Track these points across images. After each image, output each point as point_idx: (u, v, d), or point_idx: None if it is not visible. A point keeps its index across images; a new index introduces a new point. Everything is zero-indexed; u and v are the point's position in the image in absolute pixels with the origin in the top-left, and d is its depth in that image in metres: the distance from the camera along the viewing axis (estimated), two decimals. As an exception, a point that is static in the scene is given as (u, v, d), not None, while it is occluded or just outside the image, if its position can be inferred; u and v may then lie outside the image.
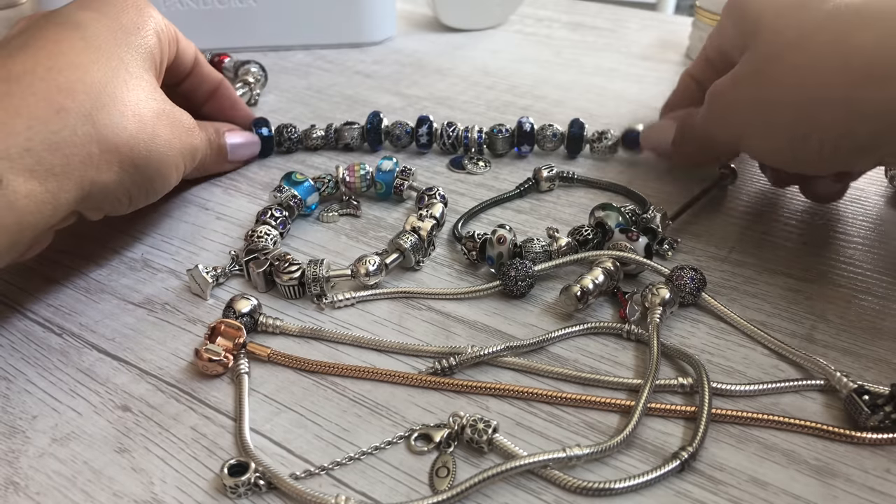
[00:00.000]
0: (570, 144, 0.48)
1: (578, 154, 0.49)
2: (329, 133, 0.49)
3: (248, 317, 0.34)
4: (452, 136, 0.47)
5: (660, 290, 0.33)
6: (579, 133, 0.48)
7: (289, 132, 0.49)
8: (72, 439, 0.29)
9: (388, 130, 0.48)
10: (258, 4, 0.64)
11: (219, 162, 0.46)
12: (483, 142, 0.48)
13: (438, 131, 0.47)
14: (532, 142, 0.48)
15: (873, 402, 0.29)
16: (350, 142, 0.48)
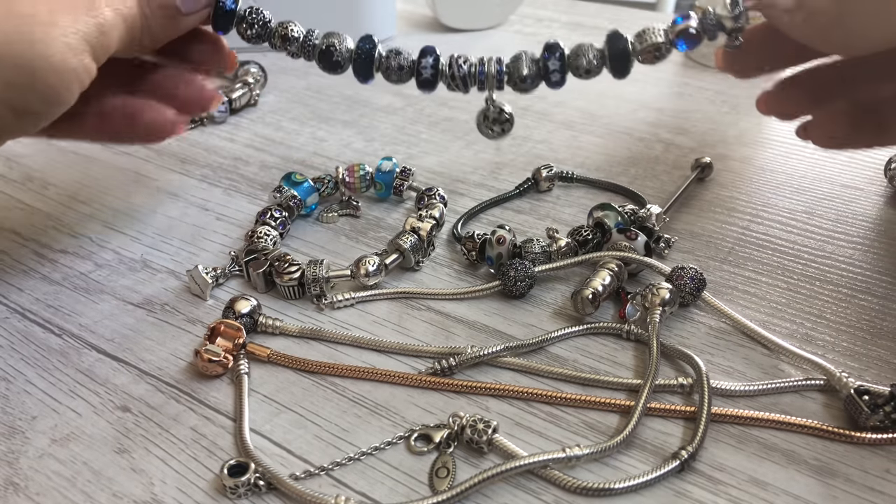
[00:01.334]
0: (615, 62, 0.36)
1: (629, 72, 0.37)
2: (309, 40, 0.38)
3: (247, 317, 0.34)
4: (464, 70, 0.36)
5: (660, 290, 0.33)
6: (624, 49, 0.36)
7: (257, 15, 0.38)
8: (71, 440, 0.29)
9: (383, 61, 0.37)
10: (258, 4, 0.63)
11: (169, 23, 0.35)
12: (504, 77, 0.36)
13: (446, 66, 0.37)
14: (564, 69, 0.36)
15: (873, 402, 0.29)
16: (337, 58, 0.37)
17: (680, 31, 0.35)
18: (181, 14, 0.35)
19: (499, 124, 0.37)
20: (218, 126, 0.54)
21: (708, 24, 0.34)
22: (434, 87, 0.37)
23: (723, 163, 0.48)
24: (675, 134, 0.52)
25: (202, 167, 0.49)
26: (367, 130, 0.53)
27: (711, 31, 0.35)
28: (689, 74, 0.61)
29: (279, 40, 0.38)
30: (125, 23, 0.32)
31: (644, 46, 0.36)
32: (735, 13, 0.34)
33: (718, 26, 0.34)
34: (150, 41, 0.35)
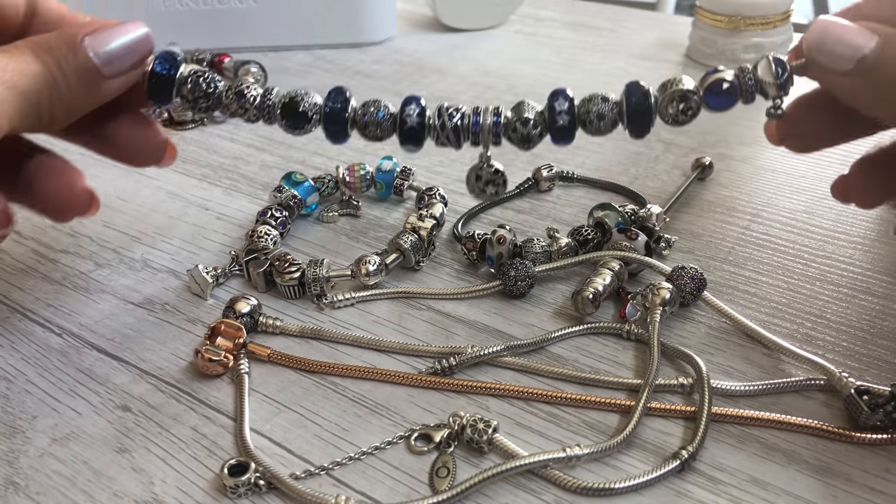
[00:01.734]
0: (634, 120, 0.31)
1: (648, 131, 0.31)
2: (267, 100, 0.32)
3: (248, 317, 0.34)
4: (455, 122, 0.31)
5: (660, 290, 0.33)
6: (644, 104, 0.31)
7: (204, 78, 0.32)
8: (72, 439, 0.29)
9: (357, 116, 0.32)
10: (258, 4, 0.63)
11: (89, 88, 0.28)
12: (501, 131, 0.32)
13: (434, 117, 0.32)
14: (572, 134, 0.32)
15: (874, 402, 0.28)
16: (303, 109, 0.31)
17: (710, 84, 0.31)
18: (103, 77, 0.28)
19: (493, 185, 0.32)
20: (218, 125, 0.54)
21: (746, 84, 0.30)
22: (421, 142, 0.32)
23: (723, 163, 0.48)
24: (676, 134, 0.52)
25: (202, 167, 0.49)
26: (368, 130, 0.53)
27: (749, 93, 0.30)
28: (689, 74, 0.61)
29: (233, 102, 0.32)
30: (22, 97, 0.26)
31: (668, 93, 0.31)
32: (780, 80, 0.30)
33: (758, 89, 0.30)
34: (64, 113, 0.28)
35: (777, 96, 0.30)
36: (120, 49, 0.29)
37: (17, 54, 0.27)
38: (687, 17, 0.71)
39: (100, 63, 0.28)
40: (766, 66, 0.30)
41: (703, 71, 0.32)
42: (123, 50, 0.29)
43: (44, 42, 0.27)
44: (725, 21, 0.60)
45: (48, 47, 0.27)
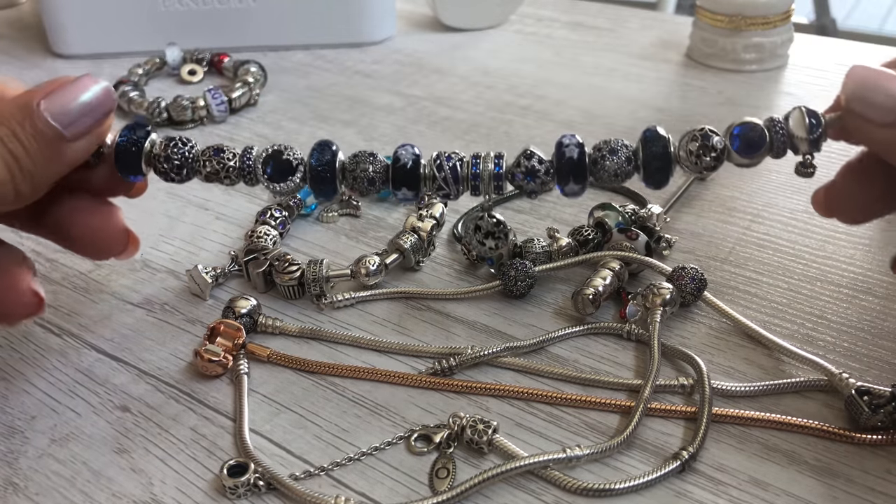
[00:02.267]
0: (650, 169, 0.30)
1: (667, 181, 0.30)
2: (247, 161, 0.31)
3: (247, 317, 0.34)
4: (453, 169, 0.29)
5: (661, 290, 0.33)
6: (663, 152, 0.30)
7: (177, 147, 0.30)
8: (71, 440, 0.29)
9: (347, 169, 0.30)
10: (257, 4, 0.63)
11: (52, 154, 0.27)
12: (504, 178, 0.30)
13: (432, 165, 0.30)
14: (584, 175, 0.30)
15: (874, 403, 0.28)
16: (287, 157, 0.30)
17: (738, 127, 0.29)
18: (65, 140, 0.27)
19: (493, 238, 0.30)
20: (218, 125, 0.54)
21: (777, 137, 0.28)
22: (417, 190, 0.30)
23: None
24: (676, 134, 0.52)
25: (202, 167, 0.49)
26: (367, 130, 0.53)
27: (779, 147, 0.29)
28: (690, 74, 0.61)
29: (209, 167, 0.30)
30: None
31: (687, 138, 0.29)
32: (813, 135, 0.28)
33: (789, 143, 0.28)
34: (31, 187, 0.26)
35: (808, 152, 0.28)
36: (80, 108, 0.27)
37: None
38: (687, 17, 0.71)
39: (60, 126, 0.26)
40: (799, 119, 0.28)
41: (703, 71, 0.31)
42: (84, 108, 0.27)
43: (9, 107, 0.26)
44: (726, 21, 0.59)
45: (2, 119, 0.26)
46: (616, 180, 0.29)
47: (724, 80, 0.59)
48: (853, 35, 1.59)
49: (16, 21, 0.74)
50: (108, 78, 0.60)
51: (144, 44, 0.63)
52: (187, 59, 0.62)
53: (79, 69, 0.62)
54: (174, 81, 0.61)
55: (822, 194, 0.30)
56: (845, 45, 0.66)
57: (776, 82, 0.59)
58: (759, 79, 0.60)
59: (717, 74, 0.60)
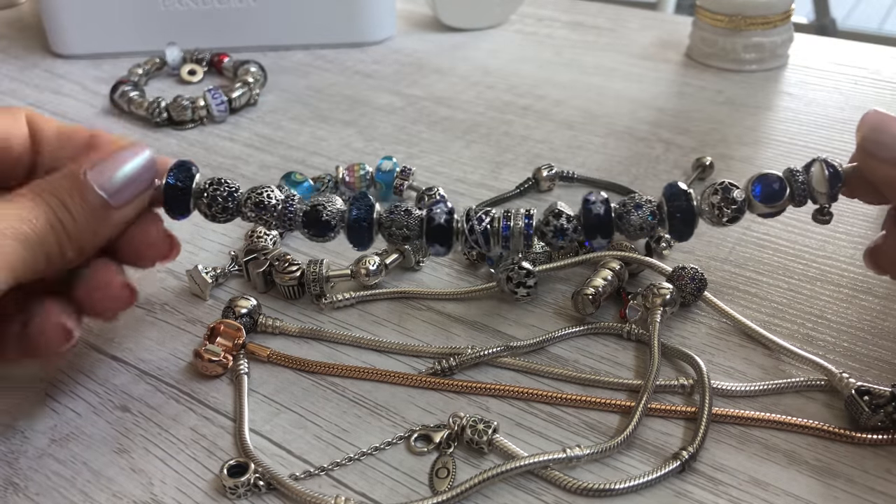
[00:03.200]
0: (675, 223, 0.31)
1: (692, 235, 0.31)
2: (290, 208, 0.31)
3: (247, 317, 0.34)
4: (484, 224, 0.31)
5: (661, 290, 0.33)
6: (686, 205, 0.30)
7: (221, 187, 0.31)
8: (71, 440, 0.29)
9: (383, 220, 0.31)
10: (257, 4, 0.63)
11: (98, 222, 0.28)
12: (533, 234, 0.31)
13: (463, 221, 0.31)
14: (610, 231, 0.31)
15: (874, 403, 0.28)
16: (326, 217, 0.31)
17: (758, 178, 0.30)
18: (111, 209, 0.28)
19: (524, 288, 0.33)
20: (218, 125, 0.54)
21: (797, 187, 0.30)
22: (450, 245, 0.31)
23: (724, 162, 0.48)
24: (676, 134, 0.52)
25: (202, 166, 0.48)
26: (367, 130, 0.53)
27: (800, 197, 0.30)
28: (689, 74, 0.61)
29: (252, 210, 0.31)
30: (24, 244, 0.25)
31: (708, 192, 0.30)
32: (833, 191, 0.30)
33: (808, 194, 0.30)
34: (76, 252, 0.27)
35: (826, 204, 0.30)
36: (125, 178, 0.28)
37: (18, 201, 0.26)
38: (687, 17, 0.71)
39: (107, 196, 0.28)
40: (820, 176, 0.30)
41: (703, 70, 0.32)
42: (129, 178, 0.28)
43: (46, 185, 0.27)
44: (726, 21, 0.59)
45: (51, 189, 0.27)
46: (642, 234, 0.31)
47: (723, 80, 0.59)
48: (853, 35, 1.59)
49: (15, 21, 0.74)
50: (108, 78, 0.60)
51: (144, 44, 0.63)
52: (187, 59, 0.62)
53: (79, 69, 0.63)
54: (174, 81, 0.61)
55: (870, 256, 0.32)
56: (845, 44, 0.66)
57: (776, 82, 0.59)
58: (759, 79, 0.60)
59: (716, 74, 0.60)
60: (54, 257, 0.27)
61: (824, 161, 0.30)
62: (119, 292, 0.29)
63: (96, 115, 0.56)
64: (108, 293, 0.29)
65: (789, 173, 0.30)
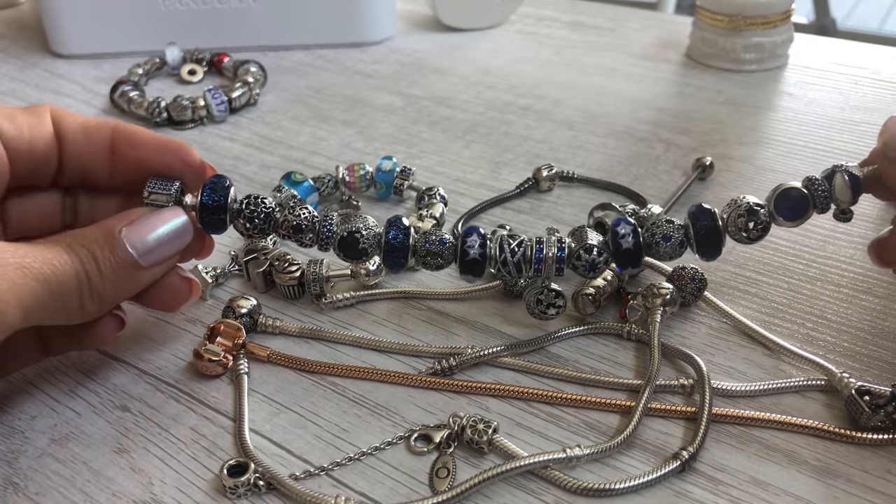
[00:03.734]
0: (702, 244, 0.30)
1: (720, 253, 0.31)
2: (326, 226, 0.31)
3: (247, 317, 0.34)
4: (518, 255, 0.31)
5: (661, 290, 0.33)
6: (713, 227, 0.30)
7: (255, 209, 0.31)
8: (71, 439, 0.29)
9: (417, 248, 0.32)
10: (257, 4, 0.63)
11: (126, 280, 0.28)
12: (565, 263, 0.31)
13: (496, 250, 0.31)
14: (640, 261, 0.31)
15: (874, 403, 0.28)
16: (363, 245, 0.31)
17: (780, 193, 0.30)
18: (141, 269, 0.28)
19: (554, 308, 0.33)
20: (218, 125, 0.54)
21: (818, 194, 0.30)
22: (482, 272, 0.32)
23: (724, 162, 0.48)
24: (676, 133, 0.52)
25: (202, 167, 0.49)
26: (367, 130, 0.53)
27: (823, 203, 0.30)
28: (689, 74, 0.61)
29: (289, 231, 0.31)
30: (44, 285, 0.25)
31: (734, 215, 0.30)
32: (856, 198, 0.30)
33: (831, 200, 0.30)
34: (97, 306, 0.27)
35: (847, 207, 0.31)
36: (159, 240, 0.28)
37: (48, 245, 0.26)
38: (687, 17, 0.71)
39: (137, 255, 0.28)
40: (843, 186, 0.30)
41: (703, 70, 0.32)
42: (163, 240, 0.29)
43: (80, 235, 0.27)
44: (726, 21, 0.60)
45: (83, 240, 0.27)
46: (671, 260, 0.31)
47: (723, 80, 0.59)
48: (853, 35, 1.59)
49: (15, 21, 0.74)
50: (108, 78, 0.60)
51: (144, 44, 0.63)
52: (187, 59, 0.62)
53: (79, 69, 0.63)
54: (174, 81, 0.61)
55: (874, 249, 0.33)
56: (845, 45, 0.66)
57: (776, 82, 0.59)
58: (759, 79, 0.60)
59: (716, 74, 0.60)
60: (73, 306, 0.26)
61: (845, 170, 0.30)
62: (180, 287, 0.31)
63: (96, 116, 0.56)
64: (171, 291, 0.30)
65: (810, 184, 0.30)
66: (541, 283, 0.32)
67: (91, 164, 0.30)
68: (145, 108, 0.53)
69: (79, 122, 0.30)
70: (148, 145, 0.30)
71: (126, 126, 0.31)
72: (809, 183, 0.30)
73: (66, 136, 0.30)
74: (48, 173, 0.30)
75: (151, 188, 0.30)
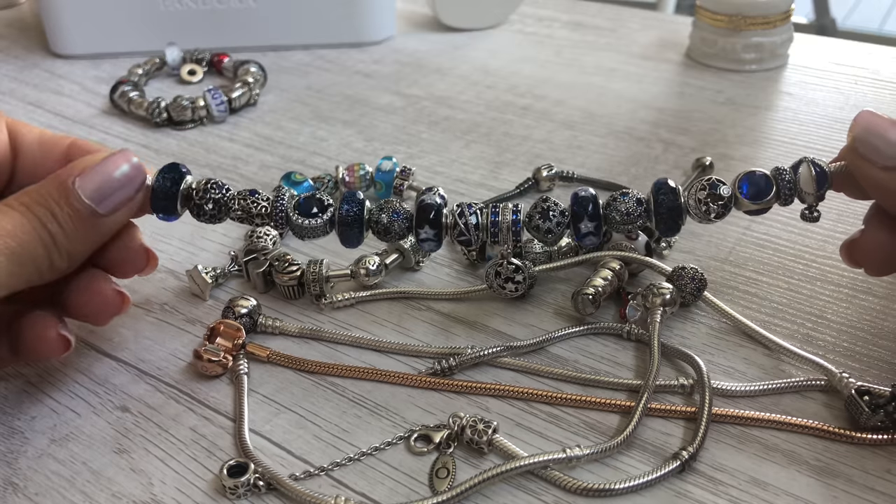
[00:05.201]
0: (662, 217, 0.31)
1: (679, 230, 0.31)
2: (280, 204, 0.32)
3: (247, 317, 0.34)
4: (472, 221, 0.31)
5: (661, 290, 0.33)
6: (674, 203, 0.31)
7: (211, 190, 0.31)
8: (70, 440, 0.29)
9: (373, 220, 0.32)
10: (258, 4, 0.63)
11: (87, 230, 0.28)
12: (520, 228, 0.32)
13: (454, 215, 0.31)
14: (596, 214, 0.32)
15: (874, 403, 0.28)
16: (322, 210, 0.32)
17: (745, 173, 0.30)
18: (99, 216, 0.28)
19: (513, 283, 0.32)
20: (218, 125, 0.54)
21: (783, 184, 0.30)
22: (439, 242, 0.32)
23: (723, 162, 0.48)
24: (676, 134, 0.52)
25: (202, 167, 0.49)
26: (367, 130, 0.53)
27: (786, 195, 0.30)
28: (689, 74, 0.61)
29: (242, 214, 0.32)
30: (12, 258, 0.25)
31: (696, 188, 0.30)
32: (821, 192, 0.30)
33: (795, 193, 0.30)
34: (66, 260, 0.28)
35: (814, 203, 0.30)
36: (112, 184, 0.28)
37: (5, 213, 0.26)
38: (687, 17, 0.71)
39: (94, 204, 0.28)
40: (807, 176, 0.30)
41: (703, 71, 0.32)
42: (116, 184, 0.28)
43: (34, 194, 0.27)
44: (726, 21, 0.59)
45: (39, 199, 0.27)
46: (628, 221, 0.31)
47: (724, 80, 0.59)
48: (853, 35, 1.59)
49: (16, 21, 0.74)
50: (108, 78, 0.60)
51: (144, 44, 0.63)
52: (187, 59, 0.62)
53: (79, 69, 0.63)
54: (174, 81, 0.61)
55: (846, 249, 0.32)
56: (845, 45, 0.66)
57: (776, 82, 0.59)
58: (759, 79, 0.60)
59: (717, 74, 0.60)
60: (44, 268, 0.27)
61: (812, 161, 0.30)
62: (112, 299, 0.30)
63: (96, 115, 0.56)
64: (101, 300, 0.30)
65: (776, 172, 0.30)
66: (500, 256, 0.32)
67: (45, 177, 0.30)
68: (145, 108, 0.53)
69: (35, 135, 0.30)
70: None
71: (84, 143, 0.31)
72: (776, 171, 0.30)
73: (22, 148, 0.30)
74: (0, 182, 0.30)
75: None
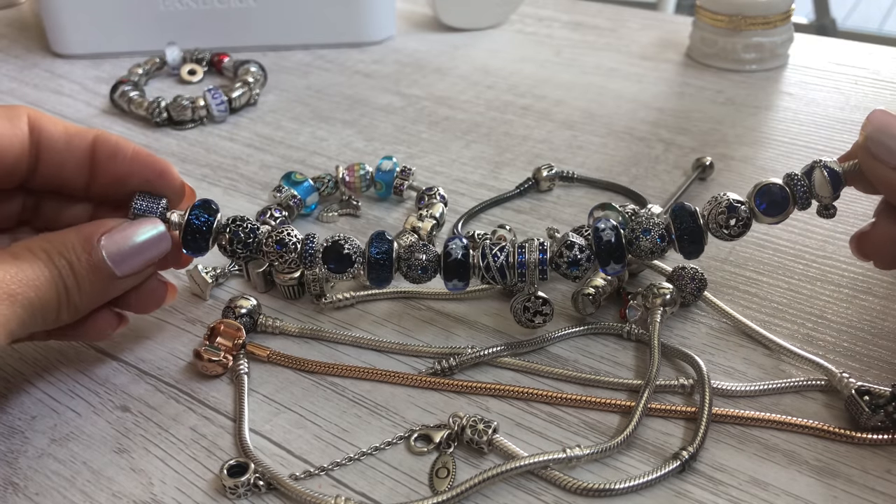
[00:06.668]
0: (685, 243, 0.31)
1: (702, 251, 0.31)
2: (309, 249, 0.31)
3: (247, 317, 0.34)
4: (500, 259, 0.31)
5: (661, 290, 0.33)
6: (693, 226, 0.30)
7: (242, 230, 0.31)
8: (71, 440, 0.29)
9: (402, 258, 0.32)
10: (258, 4, 0.63)
11: (101, 288, 0.28)
12: (547, 267, 0.31)
13: (479, 257, 0.31)
14: (623, 257, 0.31)
15: (874, 403, 0.28)
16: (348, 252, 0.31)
17: (760, 189, 0.31)
18: (115, 278, 0.28)
19: (541, 315, 0.32)
20: (218, 125, 0.54)
21: (799, 192, 0.30)
22: (467, 280, 0.32)
23: (724, 162, 0.48)
24: (676, 133, 0.52)
25: (202, 166, 0.49)
26: (367, 130, 0.53)
27: (803, 199, 0.30)
28: (689, 74, 0.61)
29: (273, 247, 0.31)
30: (27, 309, 0.25)
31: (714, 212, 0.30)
32: (835, 194, 0.30)
33: (811, 195, 0.30)
34: (72, 314, 0.28)
35: (829, 203, 0.31)
36: (136, 249, 0.28)
37: (29, 261, 0.26)
38: (687, 17, 0.71)
39: (114, 265, 0.28)
40: (822, 181, 0.30)
41: (703, 71, 0.32)
42: (139, 250, 0.29)
43: (58, 243, 0.27)
44: (726, 21, 0.60)
45: (61, 249, 0.27)
46: (653, 257, 0.31)
47: (724, 80, 0.59)
48: (853, 35, 1.59)
49: (16, 21, 0.74)
50: (108, 78, 0.60)
51: (144, 44, 0.63)
52: (187, 59, 0.62)
53: (79, 69, 0.63)
54: (174, 81, 0.61)
55: (856, 242, 0.32)
56: (845, 44, 0.66)
57: (776, 82, 0.59)
58: (759, 79, 0.60)
59: (717, 74, 0.60)
60: (50, 319, 0.27)
61: (824, 166, 0.30)
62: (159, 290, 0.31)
63: (96, 115, 0.56)
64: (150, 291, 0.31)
65: (790, 180, 0.30)
66: (528, 291, 0.32)
67: (70, 172, 0.30)
68: (145, 108, 0.53)
69: (60, 128, 0.29)
70: (129, 158, 0.30)
71: (108, 136, 0.30)
72: (789, 179, 0.30)
73: (47, 143, 0.29)
74: (17, 178, 0.29)
75: (137, 205, 0.30)
